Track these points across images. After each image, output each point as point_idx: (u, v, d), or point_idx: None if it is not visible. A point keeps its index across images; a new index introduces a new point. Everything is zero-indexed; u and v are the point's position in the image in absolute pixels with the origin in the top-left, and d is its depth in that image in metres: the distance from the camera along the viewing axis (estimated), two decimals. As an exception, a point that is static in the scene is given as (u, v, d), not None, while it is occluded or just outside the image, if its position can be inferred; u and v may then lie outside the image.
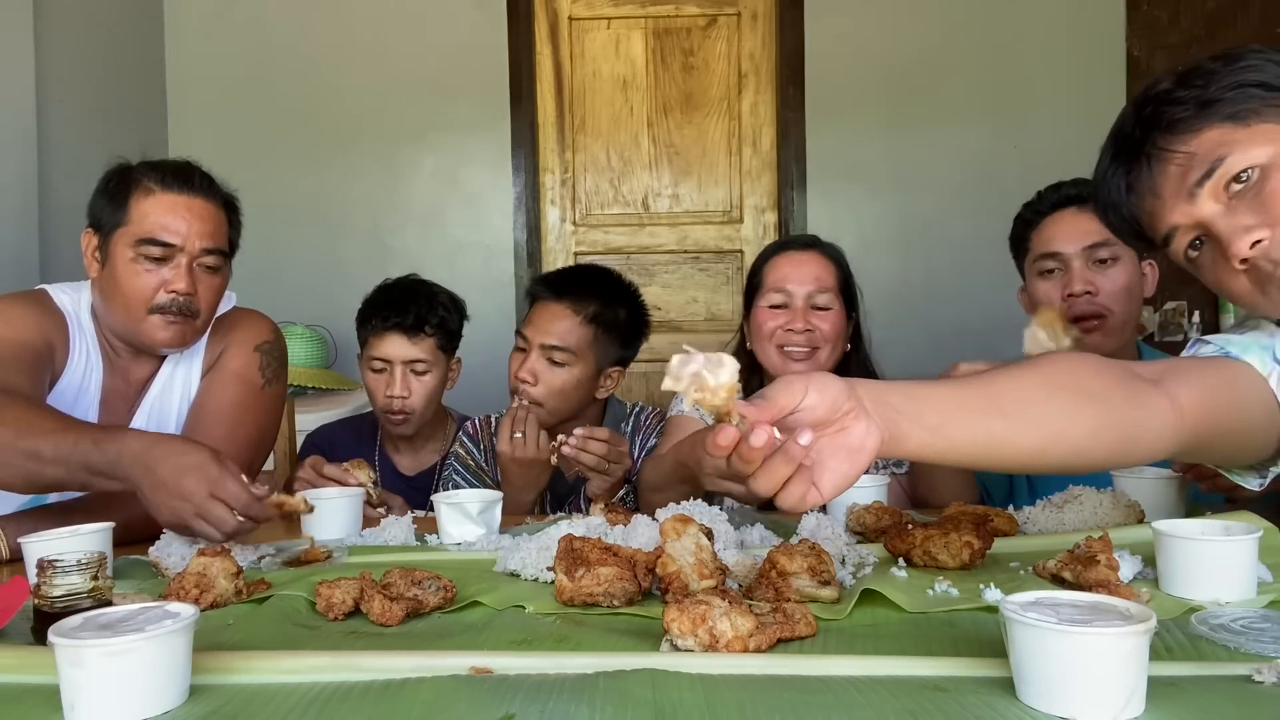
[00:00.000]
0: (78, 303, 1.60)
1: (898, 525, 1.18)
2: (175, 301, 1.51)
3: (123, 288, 1.51)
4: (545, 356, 1.79)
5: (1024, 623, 0.69)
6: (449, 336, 2.01)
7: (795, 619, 0.87)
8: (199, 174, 1.57)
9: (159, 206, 1.52)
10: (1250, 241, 1.00)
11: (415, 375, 1.96)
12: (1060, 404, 0.92)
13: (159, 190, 1.53)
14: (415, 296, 1.99)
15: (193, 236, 1.52)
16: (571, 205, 3.75)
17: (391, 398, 1.95)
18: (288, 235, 3.59)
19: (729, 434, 0.79)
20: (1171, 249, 1.10)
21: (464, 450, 1.93)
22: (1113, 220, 1.15)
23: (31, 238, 2.74)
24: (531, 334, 1.81)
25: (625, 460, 1.59)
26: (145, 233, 1.50)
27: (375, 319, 1.98)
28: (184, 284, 1.51)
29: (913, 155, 3.61)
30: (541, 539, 1.15)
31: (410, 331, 1.95)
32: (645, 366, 3.66)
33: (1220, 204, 1.03)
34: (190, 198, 1.53)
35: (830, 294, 1.77)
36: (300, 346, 3.13)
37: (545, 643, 0.89)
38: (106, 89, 3.26)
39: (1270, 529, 1.07)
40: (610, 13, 3.70)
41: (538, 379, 1.77)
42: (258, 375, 1.64)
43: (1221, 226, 1.03)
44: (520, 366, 1.80)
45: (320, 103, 3.64)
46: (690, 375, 0.78)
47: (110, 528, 1.20)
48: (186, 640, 0.75)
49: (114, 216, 1.53)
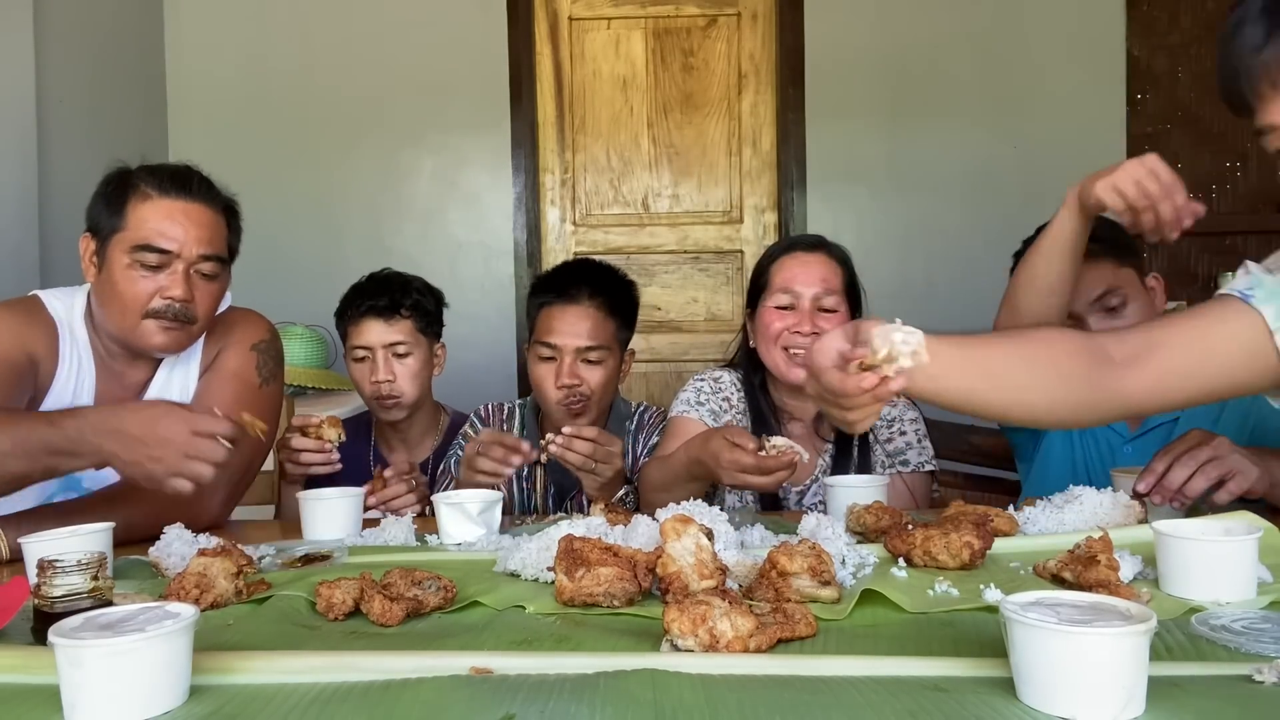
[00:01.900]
0: (71, 308, 1.59)
1: (898, 525, 1.18)
2: (171, 308, 1.50)
3: (119, 293, 1.50)
4: (581, 359, 1.81)
5: (1024, 623, 0.69)
6: (426, 318, 2.04)
7: (795, 619, 0.87)
8: (197, 178, 1.55)
9: (156, 212, 1.50)
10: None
11: (397, 359, 1.99)
12: (1033, 378, 1.11)
13: (156, 195, 1.51)
14: (388, 283, 2.03)
15: (190, 243, 1.50)
16: (571, 205, 3.75)
17: (378, 383, 1.97)
18: (288, 235, 3.59)
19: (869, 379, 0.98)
20: (1266, 139, 1.06)
21: (474, 433, 1.94)
22: (1222, 66, 1.07)
23: (31, 238, 2.74)
24: (560, 340, 1.82)
25: (615, 461, 1.59)
26: (142, 239, 1.49)
27: (351, 310, 2.01)
28: (180, 291, 1.49)
29: (913, 155, 3.60)
30: (541, 539, 1.15)
31: (386, 314, 1.98)
32: (645, 366, 3.67)
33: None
34: (188, 203, 1.52)
35: (837, 296, 1.76)
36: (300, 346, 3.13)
37: (545, 643, 0.89)
38: (106, 90, 3.26)
39: (1270, 529, 1.07)
40: (610, 13, 3.70)
41: (583, 379, 1.81)
42: (255, 374, 1.63)
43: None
44: (559, 375, 1.81)
45: (320, 103, 3.64)
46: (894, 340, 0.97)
47: (110, 528, 1.20)
48: (186, 640, 0.75)
49: (111, 221, 1.51)
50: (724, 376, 1.86)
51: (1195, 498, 1.28)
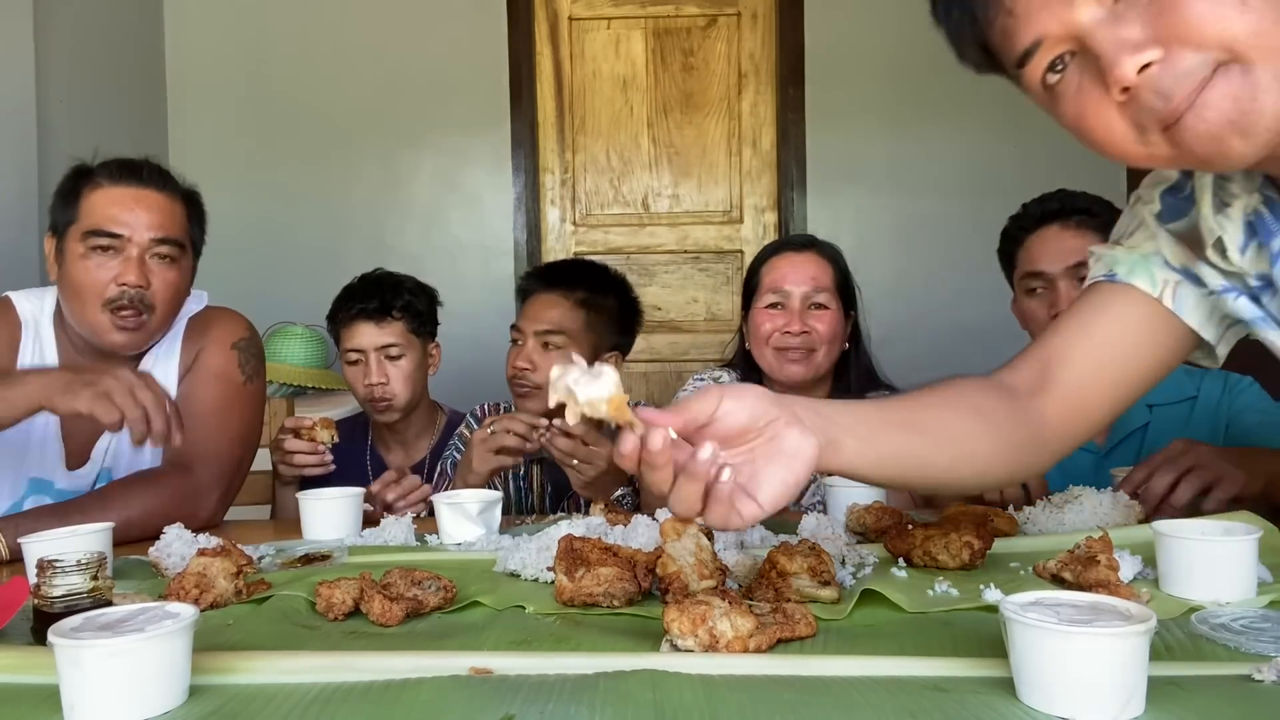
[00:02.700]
0: (40, 310, 1.58)
1: (898, 525, 1.18)
2: (126, 293, 1.48)
3: (76, 284, 1.49)
4: (540, 343, 1.82)
5: (1024, 623, 0.69)
6: (418, 319, 2.04)
7: (795, 619, 0.87)
8: (149, 167, 1.55)
9: (106, 199, 1.50)
10: (1138, 64, 0.78)
11: (390, 361, 1.99)
12: (967, 424, 0.95)
13: (107, 184, 1.51)
14: (379, 285, 2.02)
15: (141, 227, 1.49)
16: (571, 205, 3.75)
17: (370, 386, 1.97)
18: (287, 235, 3.59)
19: (629, 441, 0.74)
20: (1026, 73, 0.87)
21: (470, 432, 1.94)
22: (953, 18, 0.89)
23: (31, 238, 2.74)
24: (525, 324, 1.85)
25: (599, 462, 1.59)
26: (93, 225, 1.49)
27: (342, 313, 2.01)
28: (134, 275, 1.48)
29: (913, 155, 3.60)
30: (541, 539, 1.15)
31: (377, 317, 1.98)
32: (645, 366, 3.67)
33: (1103, 8, 0.79)
34: (139, 189, 1.51)
35: (828, 293, 1.77)
36: (300, 346, 3.13)
37: (545, 643, 0.89)
38: (106, 90, 3.26)
39: (1270, 529, 1.07)
40: (610, 13, 3.70)
41: (535, 366, 1.80)
42: (238, 372, 1.63)
43: (1102, 40, 0.79)
44: (517, 356, 1.82)
45: (320, 103, 3.64)
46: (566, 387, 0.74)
47: (110, 528, 1.20)
48: (186, 640, 0.75)
49: (66, 215, 1.52)
50: (724, 376, 1.86)
51: (1181, 507, 1.27)
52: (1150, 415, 1.63)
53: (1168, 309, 1.02)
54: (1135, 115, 0.81)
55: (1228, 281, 0.99)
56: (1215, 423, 1.61)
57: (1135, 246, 1.04)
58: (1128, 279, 1.02)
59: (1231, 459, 1.30)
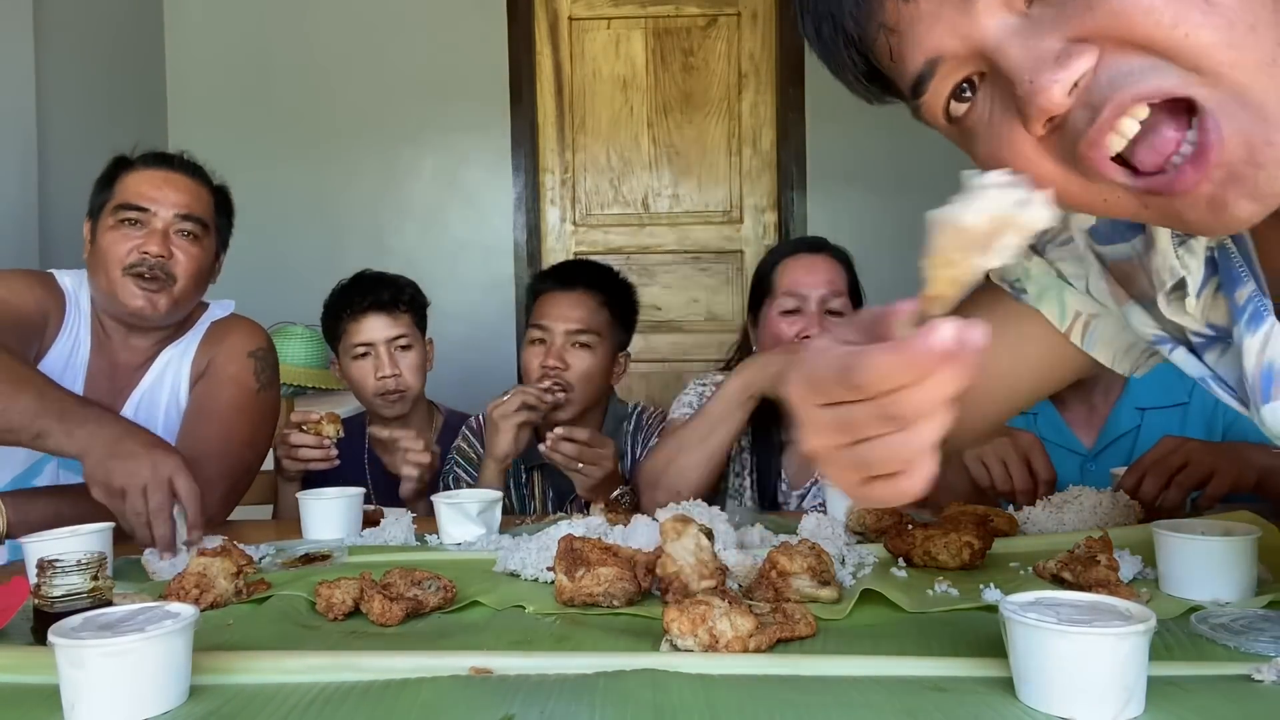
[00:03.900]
0: (78, 287, 1.66)
1: (898, 525, 1.18)
2: (146, 261, 1.55)
3: (102, 253, 1.57)
4: (571, 342, 1.81)
5: (1024, 623, 0.69)
6: (420, 314, 2.07)
7: (795, 619, 0.87)
8: (181, 159, 1.65)
9: (138, 180, 1.60)
10: (1067, 84, 0.57)
11: (401, 351, 2.00)
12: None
13: (141, 167, 1.62)
14: (381, 280, 2.05)
15: (167, 204, 1.59)
16: (571, 205, 3.75)
17: (384, 378, 1.97)
18: (288, 235, 3.58)
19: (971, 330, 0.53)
20: (925, 105, 0.67)
21: (466, 444, 1.94)
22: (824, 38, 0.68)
23: (32, 237, 2.74)
24: (552, 323, 1.83)
25: (605, 464, 1.59)
26: (122, 200, 1.58)
27: (348, 309, 2.00)
28: (156, 245, 1.56)
29: (913, 155, 3.59)
30: (541, 539, 1.15)
31: (389, 309, 1.99)
32: (645, 366, 3.66)
33: (1014, 14, 0.60)
34: (169, 172, 1.62)
35: (843, 297, 1.74)
36: (300, 346, 3.12)
37: (545, 643, 0.89)
38: (106, 89, 3.26)
39: (1270, 529, 1.07)
40: (610, 13, 3.70)
41: (568, 364, 1.80)
42: (252, 379, 1.66)
43: (1015, 57, 0.59)
44: (546, 355, 1.81)
45: (320, 103, 3.64)
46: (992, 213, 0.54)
47: (110, 528, 1.20)
48: (186, 640, 0.75)
49: (102, 197, 1.62)
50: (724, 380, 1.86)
51: (1174, 509, 1.27)
52: (1141, 418, 1.62)
53: (1074, 344, 0.88)
54: (1059, 149, 0.60)
55: (1161, 332, 0.81)
56: (1211, 424, 1.60)
57: (1057, 261, 0.88)
58: (1035, 304, 0.89)
59: (1223, 453, 1.30)
